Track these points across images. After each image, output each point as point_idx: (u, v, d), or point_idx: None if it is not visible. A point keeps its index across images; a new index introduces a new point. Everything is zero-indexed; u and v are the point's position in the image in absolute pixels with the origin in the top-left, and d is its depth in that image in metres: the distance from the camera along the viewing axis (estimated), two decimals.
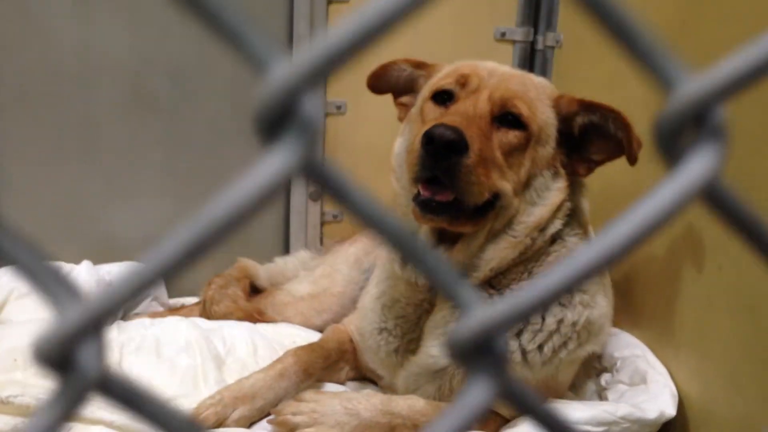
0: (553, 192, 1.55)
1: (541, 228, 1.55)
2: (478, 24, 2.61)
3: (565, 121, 1.57)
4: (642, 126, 2.00)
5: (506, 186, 1.49)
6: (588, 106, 1.56)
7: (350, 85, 2.52)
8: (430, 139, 1.36)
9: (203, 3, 0.34)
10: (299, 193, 2.56)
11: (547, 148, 1.55)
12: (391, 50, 2.52)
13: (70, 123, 2.31)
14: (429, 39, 2.57)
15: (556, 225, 1.57)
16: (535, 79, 1.64)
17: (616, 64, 2.19)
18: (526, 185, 1.53)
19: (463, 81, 1.57)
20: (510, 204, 1.51)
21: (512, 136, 1.49)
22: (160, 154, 2.43)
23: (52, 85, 2.26)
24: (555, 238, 1.59)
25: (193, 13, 0.34)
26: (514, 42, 2.64)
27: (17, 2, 2.18)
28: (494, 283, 1.59)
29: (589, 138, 1.58)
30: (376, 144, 2.24)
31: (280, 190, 0.35)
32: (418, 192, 1.44)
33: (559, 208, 1.56)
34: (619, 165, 2.13)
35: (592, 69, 2.36)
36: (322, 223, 2.64)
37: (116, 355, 1.82)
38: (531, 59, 2.67)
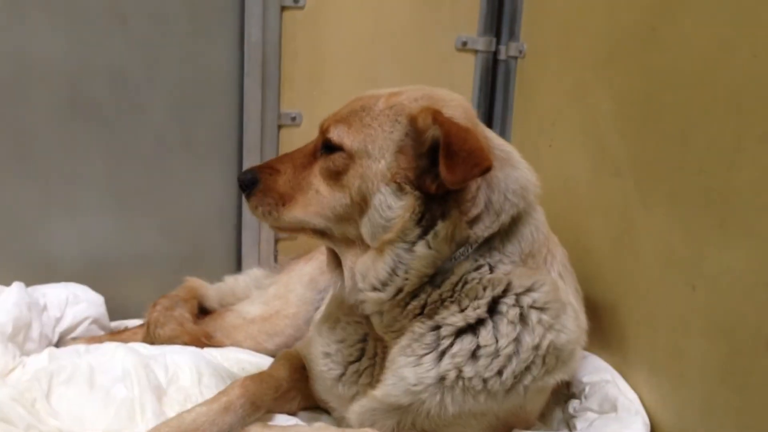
0: (396, 209, 1.44)
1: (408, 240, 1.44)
2: (439, 32, 2.52)
3: (419, 135, 1.45)
4: (608, 139, 1.93)
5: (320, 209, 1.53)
6: (435, 120, 1.42)
7: (305, 96, 2.41)
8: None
9: None
10: None
11: (382, 163, 1.45)
12: (351, 60, 2.44)
13: (2, 132, 2.14)
14: (389, 47, 2.48)
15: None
16: (394, 99, 1.50)
17: (581, 75, 2.14)
18: (364, 203, 1.47)
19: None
20: (351, 219, 1.51)
21: (331, 159, 1.52)
22: (100, 166, 2.27)
23: None
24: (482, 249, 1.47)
25: None
26: (476, 52, 2.56)
27: None
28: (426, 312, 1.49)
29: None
30: None
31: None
32: None
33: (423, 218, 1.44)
34: (584, 175, 2.05)
35: (556, 79, 2.29)
36: (277, 240, 2.51)
37: (45, 386, 1.67)
38: (494, 69, 2.59)
